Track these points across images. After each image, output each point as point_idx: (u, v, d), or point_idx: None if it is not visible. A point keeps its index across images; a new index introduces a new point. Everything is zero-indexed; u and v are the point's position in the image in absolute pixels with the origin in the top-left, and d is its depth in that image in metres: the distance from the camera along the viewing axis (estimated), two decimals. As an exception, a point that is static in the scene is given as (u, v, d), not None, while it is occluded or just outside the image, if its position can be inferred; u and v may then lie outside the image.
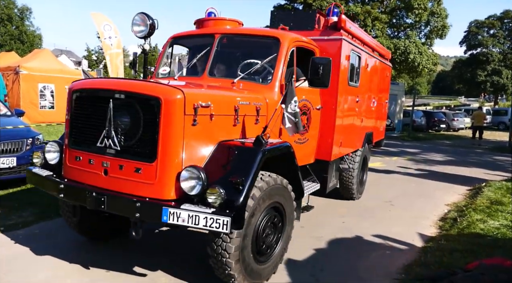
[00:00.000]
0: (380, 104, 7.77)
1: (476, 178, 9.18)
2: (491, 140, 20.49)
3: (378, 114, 7.71)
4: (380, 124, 8.10)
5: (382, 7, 25.94)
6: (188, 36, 4.90)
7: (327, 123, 5.05)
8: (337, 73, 4.89)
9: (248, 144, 3.27)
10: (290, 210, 3.64)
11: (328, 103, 5.01)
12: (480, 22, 46.25)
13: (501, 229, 4.92)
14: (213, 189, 2.84)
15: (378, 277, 3.81)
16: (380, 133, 8.29)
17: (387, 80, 8.23)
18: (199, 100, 3.08)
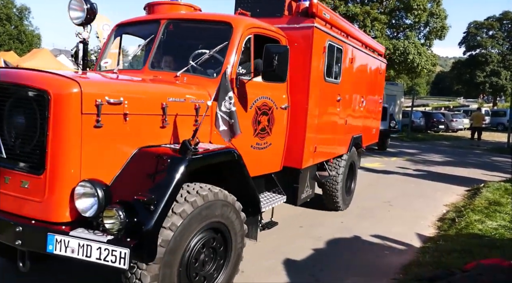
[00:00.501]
0: (372, 104, 7.06)
1: (474, 178, 9.20)
2: (489, 141, 20.53)
3: (370, 115, 6.95)
4: (372, 126, 7.35)
5: (381, 8, 25.96)
6: (134, 23, 4.23)
7: (297, 125, 4.28)
8: (308, 66, 4.21)
9: (171, 151, 2.71)
10: (237, 231, 3.06)
11: (297, 101, 4.26)
12: (479, 23, 46.32)
13: (499, 230, 4.93)
14: (109, 210, 2.25)
15: (377, 277, 3.82)
16: (373, 136, 7.54)
17: (380, 78, 7.50)
18: (105, 96, 2.47)
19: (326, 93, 4.79)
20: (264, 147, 3.92)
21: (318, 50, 4.39)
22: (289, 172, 4.40)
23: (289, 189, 4.42)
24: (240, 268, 3.77)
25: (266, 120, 3.86)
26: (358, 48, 5.85)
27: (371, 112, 7.01)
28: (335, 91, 5.06)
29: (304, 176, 4.63)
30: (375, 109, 7.34)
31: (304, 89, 4.27)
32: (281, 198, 4.23)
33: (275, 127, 4.01)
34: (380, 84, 7.59)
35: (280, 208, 5.91)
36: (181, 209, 2.50)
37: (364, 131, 6.60)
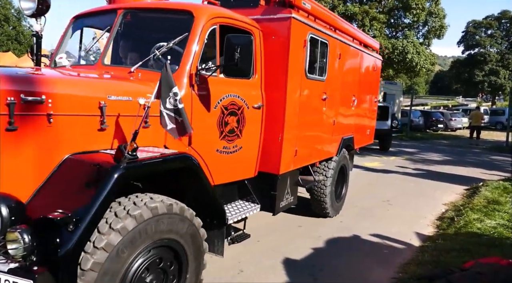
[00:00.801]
0: (366, 103, 6.62)
1: (473, 177, 9.22)
2: (488, 140, 20.56)
3: (363, 115, 6.51)
4: (366, 126, 6.87)
5: (380, 7, 25.98)
6: (92, 14, 3.85)
7: (273, 126, 3.86)
8: (286, 61, 3.79)
9: (103, 158, 2.35)
10: (194, 249, 2.65)
11: (274, 100, 3.84)
12: (477, 22, 46.34)
13: (498, 229, 4.95)
14: (11, 233, 1.88)
15: (376, 276, 3.83)
16: (367, 137, 7.04)
17: (375, 75, 7.03)
18: (21, 93, 2.12)
19: (309, 91, 4.36)
20: (234, 151, 3.51)
21: (297, 43, 3.96)
22: (266, 178, 3.95)
23: (266, 197, 3.99)
24: (240, 267, 3.80)
25: (235, 121, 3.44)
26: (347, 43, 5.42)
27: (364, 111, 6.59)
28: (320, 89, 4.64)
29: (283, 182, 4.17)
30: (369, 108, 6.86)
31: (281, 87, 3.84)
32: (254, 208, 3.76)
33: (246, 128, 3.59)
34: (375, 82, 7.12)
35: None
36: (121, 224, 2.11)
37: (356, 132, 6.15)
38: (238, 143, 3.55)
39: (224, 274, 3.66)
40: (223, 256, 3.34)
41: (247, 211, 3.67)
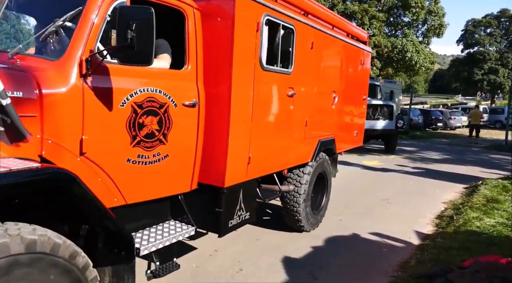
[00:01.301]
0: (351, 100, 5.75)
1: (472, 176, 9.23)
2: (487, 139, 20.58)
3: (348, 114, 5.75)
4: (353, 127, 6.02)
5: (379, 6, 25.97)
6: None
7: (215, 129, 3.13)
8: (229, 48, 3.04)
9: None
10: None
11: (216, 96, 3.11)
12: (477, 21, 46.34)
13: (497, 227, 4.95)
14: None
15: (375, 275, 3.83)
16: (354, 139, 6.16)
17: (363, 69, 6.10)
18: None
19: (268, 86, 3.64)
20: (156, 161, 2.77)
21: (247, 27, 3.21)
22: (209, 192, 3.23)
23: (210, 214, 3.26)
24: (239, 266, 3.80)
25: (155, 122, 2.70)
26: (324, 31, 4.60)
27: (349, 110, 5.80)
28: (284, 83, 3.87)
29: (232, 196, 3.38)
30: (355, 107, 6.02)
31: (225, 80, 3.08)
32: (184, 232, 3.04)
33: (174, 132, 2.85)
34: (363, 77, 6.18)
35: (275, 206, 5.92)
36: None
37: (339, 133, 5.35)
38: (161, 150, 2.79)
39: (224, 273, 3.66)
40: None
41: (172, 237, 2.91)
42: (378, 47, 24.02)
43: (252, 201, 3.76)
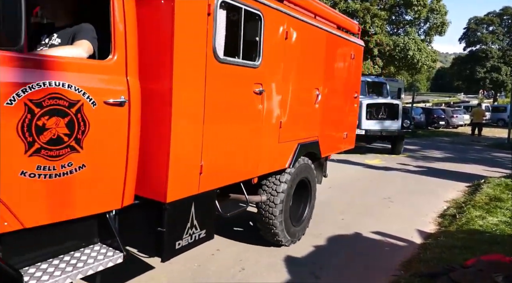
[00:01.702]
0: (338, 99, 5.10)
1: (475, 174, 9.20)
2: (490, 137, 20.52)
3: (335, 114, 5.02)
4: (341, 128, 5.35)
5: (381, 4, 25.91)
6: None
7: (155, 131, 2.59)
8: (171, 34, 2.49)
9: None
10: None
11: (153, 92, 2.58)
12: (479, 19, 46.22)
13: (500, 226, 4.93)
14: None
15: (378, 273, 3.82)
16: (343, 141, 5.47)
17: (354, 64, 5.42)
18: None
19: (227, 81, 3.05)
20: (66, 173, 2.19)
21: (194, 9, 2.67)
22: (149, 208, 2.69)
23: (149, 236, 2.74)
24: (241, 265, 3.79)
25: (63, 124, 2.15)
26: (303, 19, 3.99)
27: (337, 109, 5.09)
28: (249, 78, 3.32)
29: (179, 212, 2.79)
30: (345, 105, 5.32)
31: (165, 72, 2.53)
32: (107, 260, 2.42)
33: (92, 136, 2.28)
34: (353, 73, 5.49)
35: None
36: None
37: (324, 136, 4.70)
38: (74, 159, 2.22)
39: (225, 273, 3.65)
40: None
41: (88, 268, 2.31)
42: (380, 46, 23.97)
43: (209, 217, 3.14)
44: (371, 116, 11.44)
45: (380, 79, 13.86)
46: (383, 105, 11.68)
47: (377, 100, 11.87)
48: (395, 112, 11.73)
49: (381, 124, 11.55)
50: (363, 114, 11.18)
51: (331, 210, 5.86)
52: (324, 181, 5.57)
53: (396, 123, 11.69)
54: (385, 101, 11.94)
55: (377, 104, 11.63)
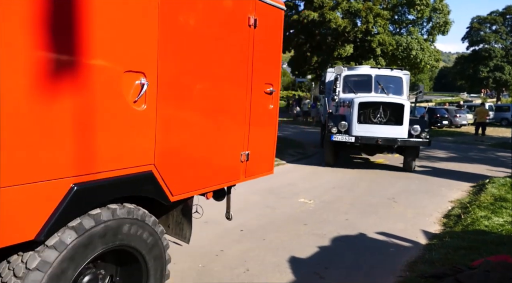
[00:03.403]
0: (220, 94, 2.98)
1: (479, 174, 9.15)
2: (493, 136, 20.42)
3: (207, 122, 2.88)
4: (229, 145, 3.17)
5: (384, 4, 25.84)
6: None
7: None
8: None
9: None
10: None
11: None
12: (482, 18, 46.04)
13: (506, 226, 4.89)
14: None
15: (383, 274, 3.79)
16: (236, 168, 3.29)
17: (261, 38, 3.35)
18: None
19: None
20: None
21: None
22: None
23: None
24: (245, 266, 3.77)
25: None
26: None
27: (214, 113, 2.94)
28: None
29: None
30: (236, 106, 3.20)
31: None
32: None
33: None
34: (259, 52, 3.36)
35: (281, 204, 5.89)
36: None
37: (173, 161, 2.59)
38: None
39: (230, 273, 3.63)
40: None
41: None
42: (383, 45, 23.89)
43: None
44: (365, 119, 8.94)
45: (395, 72, 10.79)
46: (381, 105, 8.88)
47: (374, 98, 9.22)
48: (399, 114, 8.81)
49: (379, 130, 8.82)
50: (354, 117, 8.90)
51: (335, 210, 5.83)
52: (327, 181, 5.53)
53: (400, 130, 8.79)
54: (384, 100, 9.06)
55: (374, 103, 8.95)
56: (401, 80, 10.24)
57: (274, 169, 3.94)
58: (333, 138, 8.83)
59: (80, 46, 1.92)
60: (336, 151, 9.61)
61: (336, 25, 23.36)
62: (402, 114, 8.84)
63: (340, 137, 8.79)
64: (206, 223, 4.94)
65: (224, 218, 3.69)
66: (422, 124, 9.12)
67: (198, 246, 4.22)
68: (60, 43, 1.81)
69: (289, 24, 25.79)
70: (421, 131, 9.00)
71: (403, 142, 8.81)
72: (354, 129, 8.88)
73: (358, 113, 8.90)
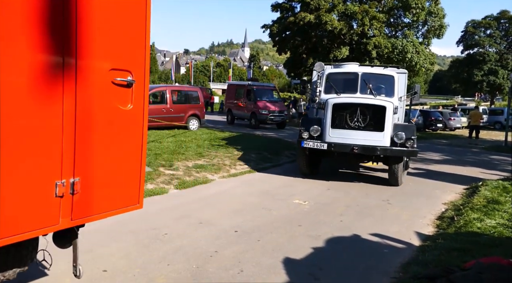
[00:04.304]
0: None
1: (472, 177, 9.22)
2: (487, 140, 20.58)
3: None
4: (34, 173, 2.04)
5: (379, 6, 25.98)
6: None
7: None
8: None
9: None
10: None
11: None
12: (477, 22, 46.38)
13: (498, 228, 4.94)
14: None
15: (376, 275, 3.82)
16: (51, 206, 2.16)
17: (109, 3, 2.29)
18: None
19: None
20: None
21: None
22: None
23: None
24: (240, 267, 3.78)
25: None
26: None
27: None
28: None
29: None
30: (39, 109, 2.03)
31: None
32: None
33: None
34: (103, 23, 2.30)
35: (277, 206, 5.91)
36: None
37: None
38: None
39: (225, 274, 3.64)
40: None
41: None
42: (378, 48, 24.02)
43: None
44: (341, 124, 7.58)
45: (387, 70, 9.12)
46: (359, 107, 7.54)
47: (350, 99, 7.85)
48: (380, 118, 7.45)
49: (356, 137, 7.51)
50: (328, 120, 7.57)
51: (330, 211, 5.86)
52: (322, 183, 5.54)
53: (380, 136, 7.43)
54: (361, 101, 7.70)
55: (351, 105, 7.63)
56: (393, 79, 8.52)
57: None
58: (303, 144, 7.65)
59: None
60: (311, 159, 8.22)
61: (332, 27, 23.44)
62: (383, 118, 7.42)
63: (312, 144, 7.57)
64: (201, 224, 4.94)
65: (219, 219, 3.70)
66: (408, 130, 7.63)
67: (193, 247, 4.22)
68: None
69: (286, 25, 25.85)
70: (407, 139, 7.43)
71: (384, 151, 7.37)
72: (327, 134, 7.60)
73: (332, 116, 7.59)
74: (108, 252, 4.01)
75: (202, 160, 8.96)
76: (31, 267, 2.72)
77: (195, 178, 7.40)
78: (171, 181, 7.00)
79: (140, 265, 3.73)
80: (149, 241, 4.35)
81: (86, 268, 3.61)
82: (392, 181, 7.98)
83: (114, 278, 3.46)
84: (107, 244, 4.20)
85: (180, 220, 5.06)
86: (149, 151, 9.21)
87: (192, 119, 14.98)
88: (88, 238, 4.34)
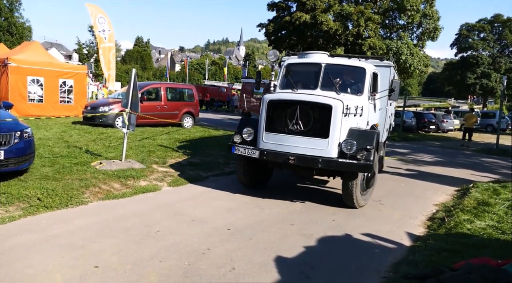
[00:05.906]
0: None
1: (464, 179, 9.31)
2: (479, 142, 20.79)
3: None
4: None
5: (375, 8, 26.09)
6: None
7: None
8: None
9: None
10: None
11: None
12: (471, 25, 46.79)
13: (487, 230, 5.00)
14: None
15: (367, 275, 3.85)
16: None
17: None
18: None
19: None
20: None
21: None
22: None
23: None
24: (232, 265, 3.79)
25: None
26: None
27: None
28: None
29: None
30: None
31: None
32: None
33: None
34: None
35: (271, 204, 5.92)
36: None
37: None
38: None
39: (216, 271, 3.65)
40: None
41: None
42: (373, 49, 24.13)
43: None
44: (279, 127, 6.00)
45: (359, 62, 7.31)
46: (300, 106, 5.88)
47: (290, 96, 6.19)
48: (325, 122, 5.77)
49: (295, 143, 5.86)
50: (262, 122, 6.10)
51: (323, 211, 5.88)
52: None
53: (323, 144, 5.74)
54: (302, 98, 5.97)
55: (290, 103, 5.98)
56: (364, 72, 6.62)
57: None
58: (234, 150, 6.19)
59: None
60: (250, 168, 6.55)
61: (328, 28, 23.50)
62: (328, 121, 5.72)
63: (242, 150, 6.07)
64: (194, 221, 4.94)
65: (211, 217, 3.70)
66: (365, 138, 5.80)
67: (185, 244, 4.22)
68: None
69: (281, 25, 25.86)
70: (359, 149, 5.64)
71: (326, 163, 5.65)
72: (261, 139, 6.09)
73: (267, 117, 6.04)
74: (100, 248, 3.99)
75: (196, 158, 8.94)
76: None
77: (188, 176, 7.39)
78: (164, 178, 6.99)
79: (132, 261, 3.73)
80: (141, 238, 4.34)
81: (77, 264, 3.60)
82: (347, 201, 6.09)
83: (105, 274, 3.45)
84: (99, 240, 4.18)
85: (173, 218, 5.06)
86: (143, 148, 9.17)
87: (186, 117, 14.95)
88: (80, 234, 4.33)
